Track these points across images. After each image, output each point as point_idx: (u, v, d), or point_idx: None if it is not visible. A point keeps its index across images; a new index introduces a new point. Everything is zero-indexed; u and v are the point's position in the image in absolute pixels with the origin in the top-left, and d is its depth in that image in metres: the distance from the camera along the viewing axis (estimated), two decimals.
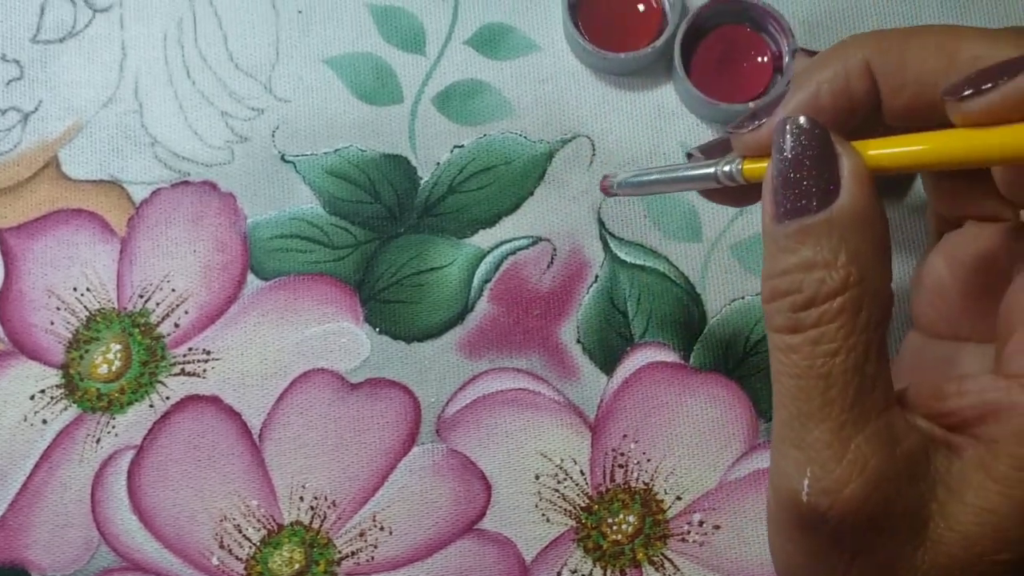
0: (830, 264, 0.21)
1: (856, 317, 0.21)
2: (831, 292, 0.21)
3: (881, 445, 0.21)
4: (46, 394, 0.33)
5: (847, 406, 0.21)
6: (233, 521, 0.32)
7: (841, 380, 0.21)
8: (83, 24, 0.36)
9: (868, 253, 0.21)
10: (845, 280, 0.21)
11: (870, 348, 0.21)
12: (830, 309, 0.21)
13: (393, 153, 0.35)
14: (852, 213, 0.21)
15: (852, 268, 0.21)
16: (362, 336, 0.33)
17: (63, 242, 0.34)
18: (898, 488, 0.21)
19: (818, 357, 0.21)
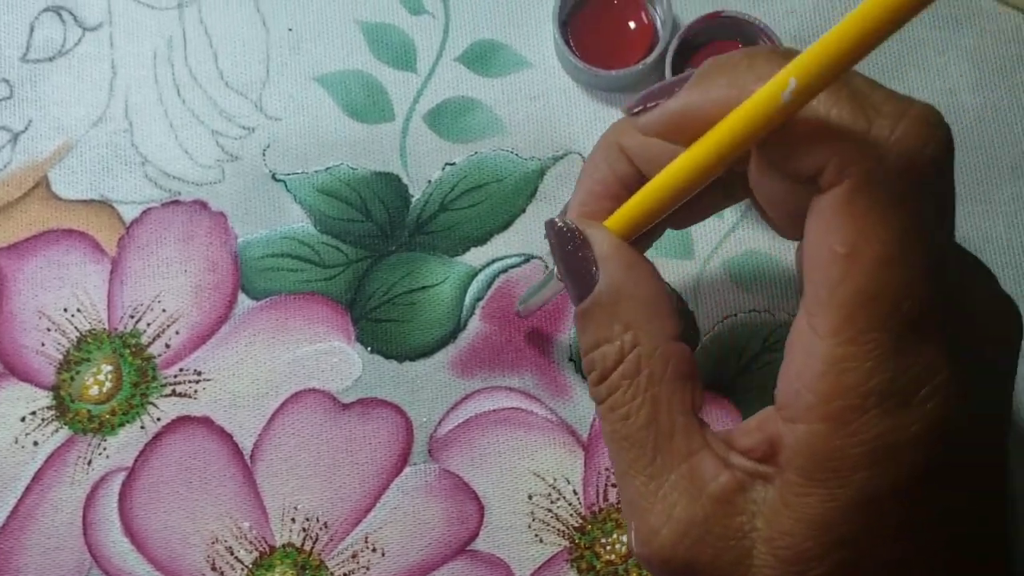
0: (609, 339, 0.24)
1: (636, 379, 0.23)
2: (613, 363, 0.23)
3: (685, 491, 0.22)
4: (37, 416, 0.33)
5: (649, 460, 0.23)
6: (225, 543, 0.32)
7: (638, 438, 0.23)
8: (72, 43, 0.36)
9: (638, 318, 0.23)
10: (621, 350, 0.23)
11: (659, 403, 0.23)
12: (615, 378, 0.23)
13: (384, 171, 0.35)
14: (610, 290, 0.23)
15: (625, 337, 0.23)
16: (354, 355, 0.33)
17: (53, 263, 0.34)
18: (708, 528, 0.22)
19: (616, 422, 0.23)
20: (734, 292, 0.34)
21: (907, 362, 0.20)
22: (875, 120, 0.19)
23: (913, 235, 0.19)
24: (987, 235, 0.34)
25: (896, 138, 0.19)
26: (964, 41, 0.35)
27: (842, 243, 0.20)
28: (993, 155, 0.35)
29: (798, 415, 0.21)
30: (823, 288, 0.20)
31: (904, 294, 0.20)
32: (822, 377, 0.20)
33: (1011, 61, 0.35)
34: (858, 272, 0.20)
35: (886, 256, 0.19)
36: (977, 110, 0.35)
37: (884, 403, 0.20)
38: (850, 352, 0.20)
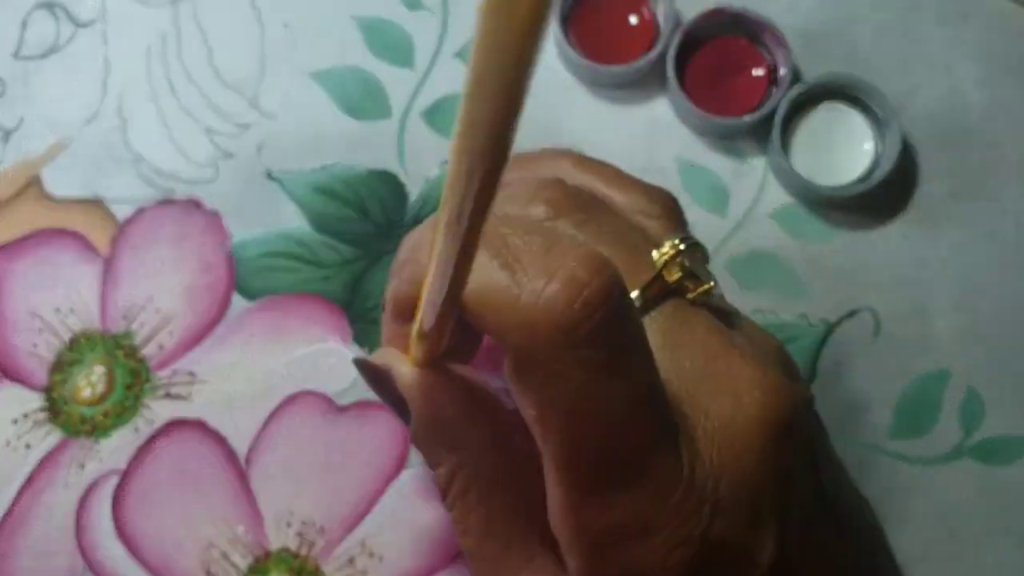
0: (440, 461, 0.24)
1: (465, 498, 0.24)
2: (445, 485, 0.24)
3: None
4: (29, 418, 0.33)
5: (491, 571, 0.24)
6: (220, 548, 0.32)
7: (479, 553, 0.24)
8: (65, 39, 0.35)
9: (453, 440, 0.24)
10: (450, 472, 0.24)
11: (492, 519, 0.24)
12: (450, 499, 0.24)
13: (381, 169, 0.34)
14: (421, 420, 0.24)
15: (451, 458, 0.24)
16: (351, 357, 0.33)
17: (46, 262, 0.33)
18: None
19: (461, 537, 0.24)
20: (737, 292, 0.33)
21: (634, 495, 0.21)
22: (524, 286, 0.20)
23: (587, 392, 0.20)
24: (995, 234, 0.34)
25: (544, 302, 0.19)
26: (971, 37, 0.35)
27: (531, 408, 0.21)
28: (1001, 153, 0.34)
29: (565, 549, 0.22)
30: (540, 442, 0.21)
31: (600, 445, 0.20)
32: (566, 519, 0.21)
33: (1019, 58, 0.35)
34: (551, 432, 0.20)
35: (567, 416, 0.20)
36: (984, 107, 0.34)
37: (625, 534, 0.21)
38: (576, 498, 0.21)
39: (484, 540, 0.24)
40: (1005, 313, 0.33)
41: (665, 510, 0.21)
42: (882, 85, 0.33)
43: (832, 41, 0.35)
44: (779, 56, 0.33)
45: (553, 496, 0.21)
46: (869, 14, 0.35)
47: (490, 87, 0.13)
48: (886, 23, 0.35)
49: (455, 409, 0.24)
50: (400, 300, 0.24)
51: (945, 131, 0.34)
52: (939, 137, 0.34)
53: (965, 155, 0.34)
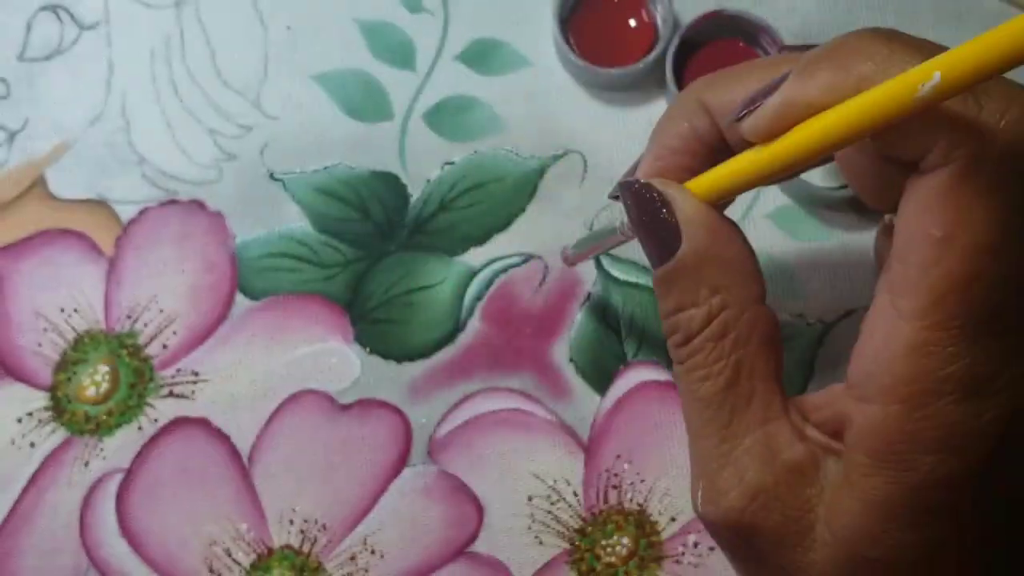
0: (694, 302, 0.23)
1: (721, 343, 0.23)
2: (699, 327, 0.23)
3: (758, 456, 0.22)
4: (34, 417, 0.33)
5: (724, 423, 0.23)
6: (223, 545, 0.32)
7: (715, 401, 0.23)
8: (70, 41, 0.36)
9: (725, 281, 0.23)
10: (707, 314, 0.23)
11: (740, 368, 0.23)
12: (700, 340, 0.23)
13: (383, 170, 0.34)
14: (695, 254, 0.23)
15: (712, 300, 0.23)
16: (352, 356, 0.33)
17: (50, 263, 0.34)
18: (777, 496, 0.22)
19: (693, 383, 0.23)
20: None
21: (987, 351, 0.20)
22: (985, 105, 0.19)
23: (1012, 225, 0.19)
24: None
25: (1005, 124, 0.19)
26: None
27: (940, 226, 0.19)
28: None
29: (872, 395, 0.21)
30: (914, 269, 0.20)
31: (995, 284, 0.19)
32: (903, 359, 0.20)
33: None
34: (952, 257, 0.19)
35: (983, 244, 0.19)
36: None
37: (962, 390, 0.20)
38: (935, 336, 0.20)
39: (728, 389, 0.23)
40: None
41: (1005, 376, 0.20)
42: None
43: None
44: None
45: (895, 334, 0.20)
46: (866, 16, 0.35)
47: None
48: (883, 25, 0.35)
49: (735, 250, 0.23)
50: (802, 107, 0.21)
51: None
52: None
53: None
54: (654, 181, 0.24)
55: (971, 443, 0.20)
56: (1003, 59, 0.17)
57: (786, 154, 0.21)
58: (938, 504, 0.21)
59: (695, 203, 0.23)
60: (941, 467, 0.20)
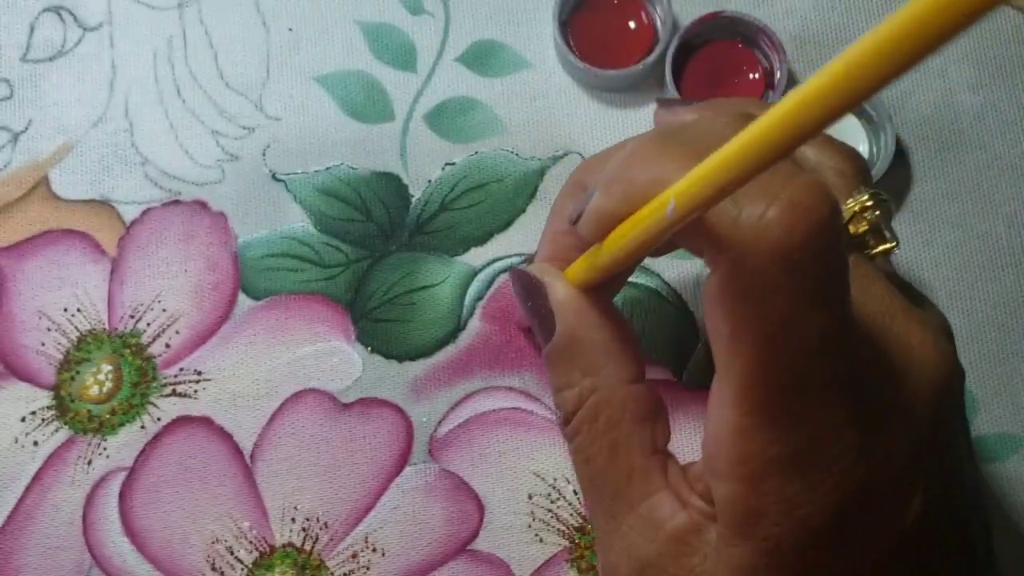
0: (571, 383, 0.24)
1: (595, 424, 0.24)
2: (573, 408, 0.24)
3: (641, 532, 0.23)
4: (37, 416, 0.33)
5: (610, 501, 0.24)
6: (225, 543, 0.32)
7: (599, 480, 0.24)
8: (73, 43, 0.36)
9: (594, 363, 0.24)
10: (579, 396, 0.24)
11: (616, 448, 0.24)
12: (575, 423, 0.24)
13: (384, 171, 0.35)
14: (567, 337, 0.24)
15: (583, 383, 0.24)
16: (354, 355, 0.33)
17: (53, 263, 0.34)
18: (663, 567, 0.23)
19: (580, 464, 0.25)
20: None
21: (806, 430, 0.21)
22: (744, 206, 0.20)
23: (789, 315, 0.20)
24: (987, 235, 0.34)
25: (763, 224, 0.19)
26: (963, 41, 0.35)
27: (725, 325, 0.21)
28: (993, 155, 0.35)
29: (719, 474, 0.22)
30: (719, 363, 0.21)
31: (788, 370, 0.20)
32: (731, 443, 0.21)
33: (1011, 61, 0.35)
34: (744, 352, 0.20)
35: (764, 337, 0.20)
36: (977, 110, 0.35)
37: (791, 466, 0.21)
38: (752, 422, 0.21)
39: (607, 468, 0.24)
40: (997, 312, 0.34)
41: (833, 451, 0.21)
42: None
43: (827, 45, 0.35)
44: (775, 60, 0.34)
45: (722, 419, 0.21)
46: (864, 18, 0.36)
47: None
48: None
49: (603, 335, 0.24)
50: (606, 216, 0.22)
51: (938, 133, 0.35)
52: (932, 139, 0.35)
53: (958, 157, 0.35)
54: (532, 268, 0.25)
55: (814, 514, 0.21)
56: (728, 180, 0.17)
57: (610, 253, 0.22)
58: (795, 570, 0.21)
59: (566, 289, 0.25)
60: (790, 536, 0.21)
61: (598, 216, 0.23)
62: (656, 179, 0.20)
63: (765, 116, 0.15)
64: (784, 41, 0.34)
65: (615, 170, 0.22)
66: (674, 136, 0.22)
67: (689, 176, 0.18)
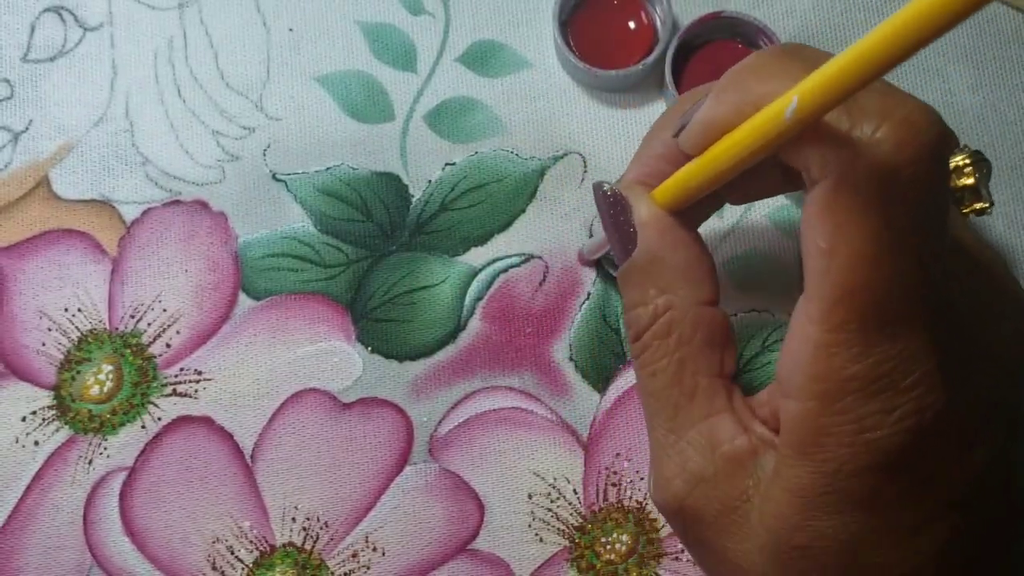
0: (643, 301, 0.25)
1: (666, 340, 0.24)
2: (647, 324, 0.25)
3: (700, 448, 0.24)
4: (38, 415, 0.33)
5: (671, 415, 0.24)
6: (226, 543, 0.32)
7: (663, 395, 0.25)
8: (73, 43, 0.36)
9: (672, 282, 0.25)
10: (653, 312, 0.25)
11: (684, 365, 0.24)
12: (647, 338, 0.25)
13: (384, 171, 0.35)
14: (647, 255, 0.25)
15: (658, 300, 0.25)
16: (354, 355, 0.33)
17: (54, 262, 0.34)
18: (717, 484, 0.23)
19: (644, 378, 0.25)
20: (734, 292, 0.34)
21: (889, 351, 0.21)
22: (858, 122, 0.20)
23: (887, 235, 0.20)
24: (987, 235, 0.34)
25: (875, 140, 0.20)
26: (963, 41, 0.35)
27: (824, 239, 0.21)
28: (993, 155, 0.35)
29: (791, 392, 0.22)
30: (811, 277, 0.21)
31: (881, 292, 0.20)
32: (811, 360, 0.21)
33: (1011, 62, 0.35)
34: (837, 267, 0.21)
35: (862, 255, 0.20)
36: (977, 110, 0.35)
37: (868, 387, 0.21)
38: (835, 339, 0.21)
39: (672, 385, 0.24)
40: None
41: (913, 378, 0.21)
42: None
43: (826, 45, 0.35)
44: None
45: (805, 335, 0.21)
46: (864, 18, 0.36)
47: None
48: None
49: (684, 254, 0.25)
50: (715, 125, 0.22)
51: None
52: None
53: None
54: (620, 186, 0.26)
55: (883, 437, 0.21)
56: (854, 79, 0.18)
57: (711, 166, 0.23)
58: (855, 494, 0.21)
59: (651, 208, 0.25)
60: (855, 459, 0.21)
61: (706, 124, 0.22)
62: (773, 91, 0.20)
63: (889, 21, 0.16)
64: (784, 41, 0.34)
65: (728, 79, 0.22)
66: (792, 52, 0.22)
67: (815, 75, 0.18)
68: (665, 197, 0.25)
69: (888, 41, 0.16)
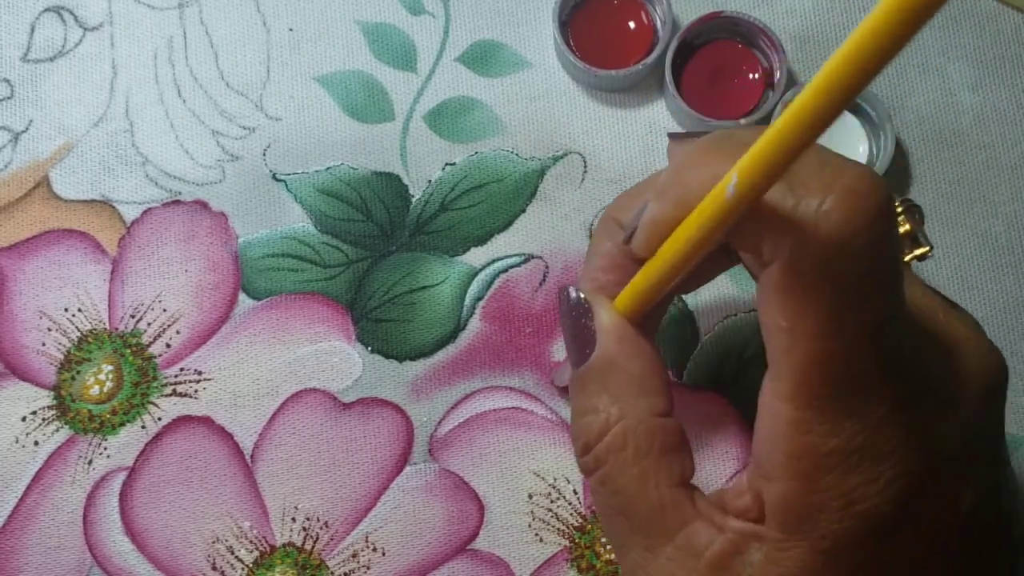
0: (595, 409, 0.24)
1: (622, 454, 0.23)
2: (597, 435, 0.24)
3: (681, 563, 0.23)
4: (38, 415, 0.33)
5: (644, 533, 0.23)
6: (226, 543, 0.32)
7: (632, 512, 0.23)
8: (73, 43, 0.36)
9: (625, 391, 0.24)
10: (606, 422, 0.24)
11: (647, 478, 0.23)
12: (601, 450, 0.24)
13: (385, 171, 0.35)
14: (604, 360, 0.24)
15: (612, 409, 0.24)
16: (354, 355, 0.33)
17: (54, 262, 0.34)
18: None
19: (605, 497, 0.24)
20: (734, 292, 0.34)
21: (862, 421, 0.21)
22: (802, 197, 0.20)
23: (848, 305, 0.20)
24: (987, 235, 0.34)
25: (821, 215, 0.20)
26: (964, 41, 0.35)
27: (783, 318, 0.21)
28: (993, 155, 0.35)
29: (772, 473, 0.22)
30: (775, 357, 0.21)
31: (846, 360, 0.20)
32: (786, 438, 0.21)
33: (1011, 61, 0.35)
34: (801, 345, 0.20)
35: (821, 330, 0.20)
36: (977, 110, 0.35)
37: (848, 460, 0.21)
38: (807, 416, 0.21)
39: (638, 501, 0.23)
40: (997, 312, 0.34)
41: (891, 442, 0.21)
42: (876, 88, 0.34)
43: (827, 45, 0.35)
44: (774, 60, 0.34)
45: (777, 414, 0.21)
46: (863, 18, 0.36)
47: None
48: None
49: (640, 364, 0.24)
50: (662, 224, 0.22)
51: (938, 134, 0.35)
52: (932, 139, 0.35)
53: (957, 157, 0.35)
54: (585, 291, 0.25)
55: (873, 506, 0.21)
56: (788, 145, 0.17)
57: (666, 264, 0.22)
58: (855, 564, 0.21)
59: (613, 316, 0.25)
60: (850, 532, 0.21)
61: (653, 225, 0.23)
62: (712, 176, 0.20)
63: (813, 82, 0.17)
64: (784, 41, 0.34)
65: (667, 179, 0.22)
66: (722, 139, 0.22)
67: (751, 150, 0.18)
68: (625, 305, 0.25)
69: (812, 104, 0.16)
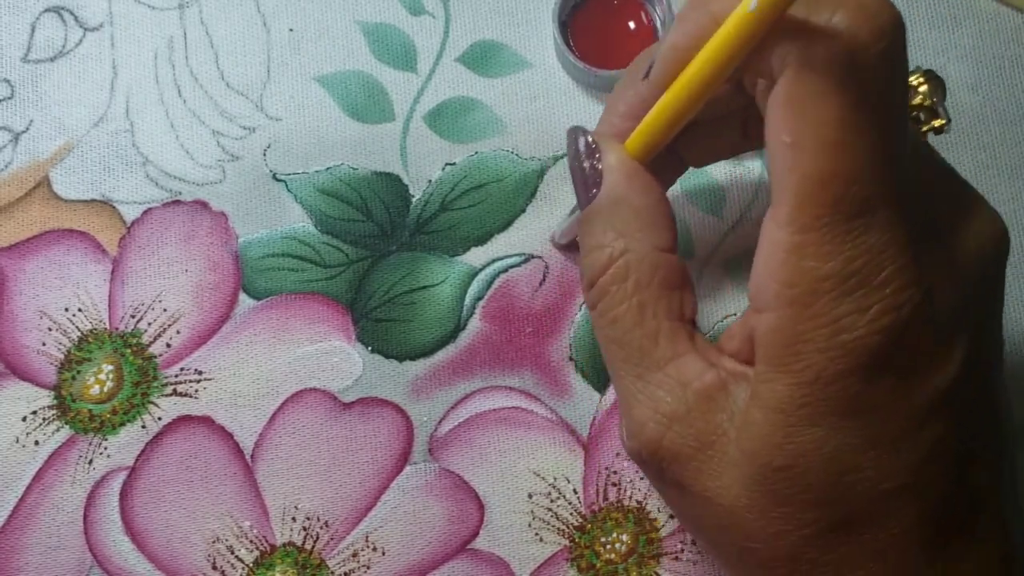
0: (602, 245, 0.24)
1: (623, 285, 0.24)
2: (602, 269, 0.24)
3: (670, 389, 0.23)
4: (38, 415, 0.33)
5: (637, 361, 0.24)
6: (226, 542, 0.32)
7: (625, 341, 0.24)
8: (73, 43, 0.36)
9: (630, 226, 0.24)
10: (610, 256, 0.24)
11: (644, 308, 0.24)
12: (604, 282, 0.24)
13: (385, 171, 0.35)
14: (611, 197, 0.24)
15: (616, 244, 0.24)
16: (354, 355, 0.33)
17: (55, 262, 0.34)
18: (691, 422, 0.23)
19: (606, 326, 0.24)
20: (734, 292, 0.34)
21: (861, 245, 0.20)
22: (815, 9, 0.20)
23: (854, 120, 0.20)
24: None
25: (832, 25, 0.20)
26: (963, 41, 0.35)
27: (788, 133, 0.20)
28: (993, 155, 0.35)
29: (765, 304, 0.21)
30: (777, 180, 0.21)
31: (851, 179, 0.20)
32: (783, 265, 0.21)
33: (1010, 61, 0.35)
34: (803, 160, 0.20)
35: (828, 141, 0.20)
36: (976, 110, 0.35)
37: (843, 285, 0.20)
38: (807, 239, 0.20)
39: (634, 329, 0.24)
40: None
41: (886, 272, 0.20)
42: None
43: None
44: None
45: (775, 243, 0.21)
46: None
47: None
48: None
49: (646, 199, 0.24)
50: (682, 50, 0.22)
51: None
52: (932, 139, 0.35)
53: (958, 157, 0.35)
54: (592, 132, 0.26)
55: (859, 337, 0.20)
56: None
57: (684, 91, 0.22)
58: (835, 402, 0.21)
59: (620, 154, 0.25)
60: (833, 364, 0.21)
61: (674, 51, 0.22)
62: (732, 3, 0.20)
63: None
64: None
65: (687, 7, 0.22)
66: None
67: None
68: (636, 144, 0.25)
69: None
